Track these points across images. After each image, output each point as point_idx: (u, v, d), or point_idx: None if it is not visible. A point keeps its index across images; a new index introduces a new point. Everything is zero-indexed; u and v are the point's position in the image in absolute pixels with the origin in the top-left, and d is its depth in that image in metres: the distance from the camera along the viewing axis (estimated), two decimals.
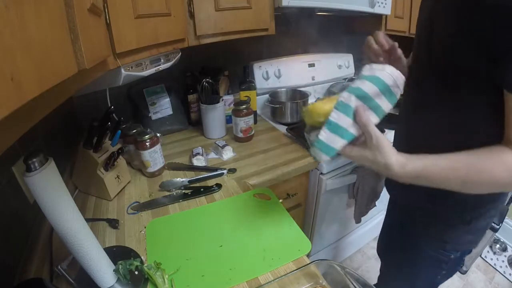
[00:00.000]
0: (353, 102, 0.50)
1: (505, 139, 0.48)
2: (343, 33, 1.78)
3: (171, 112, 1.26)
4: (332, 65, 1.67)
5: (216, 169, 0.96)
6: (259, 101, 1.43)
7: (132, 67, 0.75)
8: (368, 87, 0.50)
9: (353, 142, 0.52)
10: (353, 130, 0.51)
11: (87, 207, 0.83)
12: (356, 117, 0.49)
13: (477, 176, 0.47)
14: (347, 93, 0.50)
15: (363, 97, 0.50)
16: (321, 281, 0.58)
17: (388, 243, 0.92)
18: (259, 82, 1.44)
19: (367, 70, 0.52)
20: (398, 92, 0.52)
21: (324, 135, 0.50)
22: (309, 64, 1.59)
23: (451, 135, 0.57)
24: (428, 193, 0.53)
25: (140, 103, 1.22)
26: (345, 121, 0.50)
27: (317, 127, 0.52)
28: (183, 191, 0.88)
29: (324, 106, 0.51)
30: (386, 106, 0.52)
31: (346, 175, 1.16)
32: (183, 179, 0.92)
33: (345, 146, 0.51)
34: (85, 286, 0.56)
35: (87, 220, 0.56)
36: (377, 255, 1.00)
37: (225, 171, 0.94)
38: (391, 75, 0.50)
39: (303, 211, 1.23)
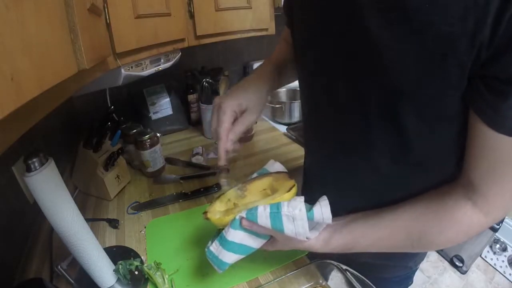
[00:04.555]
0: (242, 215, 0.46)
1: (464, 182, 0.37)
2: None
3: (171, 112, 1.26)
4: None
5: (208, 168, 0.99)
6: None
7: (132, 67, 0.75)
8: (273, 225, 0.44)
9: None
10: (251, 242, 0.48)
11: (87, 207, 0.83)
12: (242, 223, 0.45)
13: (420, 246, 0.42)
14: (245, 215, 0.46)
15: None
16: (321, 281, 0.57)
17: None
18: None
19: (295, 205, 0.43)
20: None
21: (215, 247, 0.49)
22: None
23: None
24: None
25: (140, 103, 1.22)
26: (238, 236, 0.47)
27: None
28: (183, 191, 0.88)
29: (224, 219, 0.48)
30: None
31: None
32: (176, 176, 0.95)
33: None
34: (85, 286, 0.56)
35: (87, 220, 0.56)
36: None
37: (217, 171, 0.95)
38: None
39: None
